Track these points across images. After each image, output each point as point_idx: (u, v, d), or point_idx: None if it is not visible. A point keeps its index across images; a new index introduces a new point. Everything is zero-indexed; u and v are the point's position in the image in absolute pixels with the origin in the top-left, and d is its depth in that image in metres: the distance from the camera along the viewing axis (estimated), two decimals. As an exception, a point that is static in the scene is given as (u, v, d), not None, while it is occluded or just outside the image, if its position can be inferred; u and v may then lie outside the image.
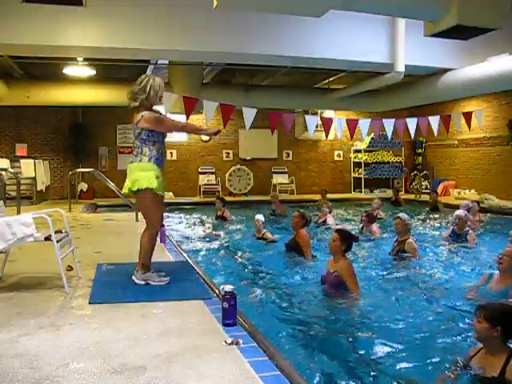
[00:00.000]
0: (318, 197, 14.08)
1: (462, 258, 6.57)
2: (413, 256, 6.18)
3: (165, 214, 11.33)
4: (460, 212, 7.49)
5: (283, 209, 11.18)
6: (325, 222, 9.60)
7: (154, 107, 4.34)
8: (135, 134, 4.23)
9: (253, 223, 8.18)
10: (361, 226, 8.51)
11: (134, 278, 4.25)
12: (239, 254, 6.98)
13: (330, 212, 9.93)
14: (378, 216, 10.40)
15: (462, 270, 5.94)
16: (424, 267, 5.96)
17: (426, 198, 14.38)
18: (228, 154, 16.35)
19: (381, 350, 3.56)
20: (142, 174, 4.12)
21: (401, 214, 6.60)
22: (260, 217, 7.99)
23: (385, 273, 5.75)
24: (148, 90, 4.21)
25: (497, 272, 4.70)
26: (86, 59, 10.57)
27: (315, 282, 5.23)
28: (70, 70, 11.18)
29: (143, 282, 4.20)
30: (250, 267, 6.24)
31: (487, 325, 2.89)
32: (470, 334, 3.50)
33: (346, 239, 4.90)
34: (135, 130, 4.23)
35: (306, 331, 3.95)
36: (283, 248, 6.80)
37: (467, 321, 3.96)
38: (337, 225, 9.69)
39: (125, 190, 4.27)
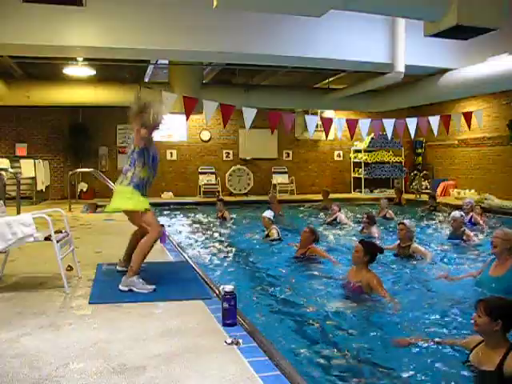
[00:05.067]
0: (318, 197, 14.07)
1: (460, 258, 6.56)
2: (425, 257, 6.15)
3: (165, 214, 11.41)
4: (455, 213, 7.54)
5: (279, 209, 11.16)
6: (335, 219, 9.53)
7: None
8: (130, 151, 4.25)
9: (252, 223, 8.15)
10: (361, 227, 8.49)
11: (121, 282, 4.11)
12: (240, 253, 6.98)
13: (339, 210, 9.77)
14: (387, 216, 10.35)
15: (461, 270, 5.94)
16: (425, 267, 5.95)
17: (426, 198, 14.39)
18: (228, 154, 16.34)
19: (382, 349, 3.56)
20: (124, 200, 4.16)
21: (405, 221, 6.59)
22: (267, 213, 7.91)
23: (388, 273, 5.74)
24: (136, 110, 4.17)
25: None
26: (86, 59, 10.57)
27: (319, 283, 5.23)
28: (69, 70, 11.17)
29: (126, 289, 4.03)
30: (250, 267, 6.23)
31: (488, 318, 2.92)
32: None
33: (370, 251, 4.75)
34: (131, 146, 4.25)
35: (306, 331, 3.95)
36: (287, 250, 6.76)
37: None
38: (348, 219, 9.68)
39: (109, 209, 4.26)
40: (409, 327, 3.96)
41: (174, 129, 14.86)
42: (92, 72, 11.31)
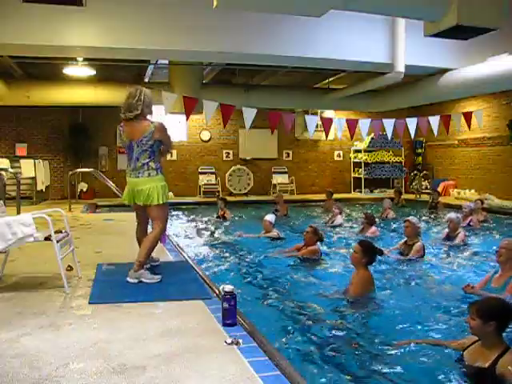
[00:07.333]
0: (318, 196, 14.07)
1: (456, 258, 6.55)
2: (412, 256, 6.15)
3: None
4: (451, 215, 7.51)
5: (285, 209, 11.17)
6: (332, 222, 9.53)
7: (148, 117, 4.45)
8: (146, 146, 4.28)
9: (253, 223, 8.13)
10: (360, 227, 8.47)
11: (128, 275, 4.30)
12: (240, 253, 6.97)
13: (340, 213, 9.70)
14: (389, 216, 10.32)
15: (457, 270, 5.95)
16: (421, 267, 5.96)
17: (426, 197, 14.40)
18: (228, 154, 16.34)
19: (381, 349, 3.56)
20: (153, 188, 4.28)
21: (410, 218, 6.49)
22: (268, 217, 7.88)
23: (385, 272, 5.75)
24: (143, 99, 4.31)
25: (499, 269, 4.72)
26: (85, 59, 10.57)
27: (319, 283, 5.23)
28: (69, 70, 11.17)
29: (136, 281, 4.26)
30: (250, 267, 6.23)
31: (480, 321, 2.93)
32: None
33: (368, 252, 4.67)
34: (147, 142, 4.27)
35: (306, 331, 3.95)
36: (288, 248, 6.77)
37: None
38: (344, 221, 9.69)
39: (139, 201, 4.40)
40: (407, 328, 3.96)
41: (173, 129, 14.86)
42: (92, 72, 11.31)
